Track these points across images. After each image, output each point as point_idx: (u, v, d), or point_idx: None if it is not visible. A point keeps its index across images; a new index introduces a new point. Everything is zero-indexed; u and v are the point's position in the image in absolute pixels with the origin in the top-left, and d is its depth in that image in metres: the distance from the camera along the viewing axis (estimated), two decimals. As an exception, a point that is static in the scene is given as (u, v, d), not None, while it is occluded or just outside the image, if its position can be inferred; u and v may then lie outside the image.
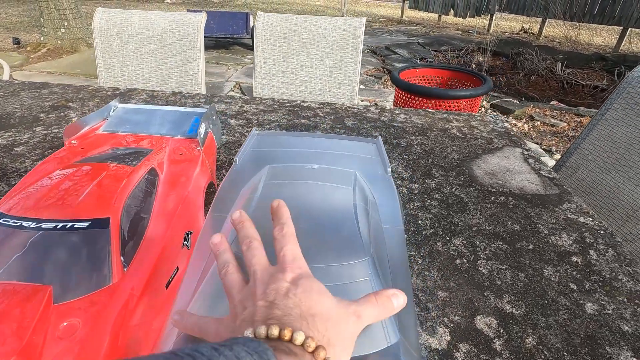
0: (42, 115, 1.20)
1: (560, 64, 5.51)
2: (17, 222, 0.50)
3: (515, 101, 4.40)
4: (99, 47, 1.73)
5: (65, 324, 0.43)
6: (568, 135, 3.39)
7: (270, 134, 0.78)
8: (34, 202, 0.53)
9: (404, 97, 1.91)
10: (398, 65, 5.58)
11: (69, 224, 0.50)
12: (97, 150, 0.72)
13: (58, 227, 0.50)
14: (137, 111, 0.89)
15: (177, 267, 0.56)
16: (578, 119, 3.81)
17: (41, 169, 0.67)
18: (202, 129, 0.79)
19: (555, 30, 7.84)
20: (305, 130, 1.20)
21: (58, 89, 1.43)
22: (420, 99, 1.82)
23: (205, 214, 0.65)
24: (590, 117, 3.86)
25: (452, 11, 9.18)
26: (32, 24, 7.50)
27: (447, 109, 1.96)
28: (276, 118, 1.28)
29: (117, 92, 1.46)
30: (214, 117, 0.93)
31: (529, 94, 4.89)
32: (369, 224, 0.50)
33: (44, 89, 1.43)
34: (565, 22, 6.81)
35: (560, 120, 3.77)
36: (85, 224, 0.51)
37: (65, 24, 5.16)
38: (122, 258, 0.50)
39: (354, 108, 1.40)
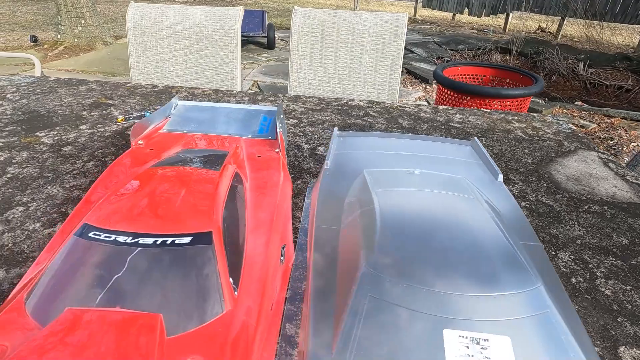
0: (84, 113, 1.14)
1: (582, 63, 5.38)
2: (110, 237, 0.44)
3: (540, 101, 4.29)
4: (132, 43, 1.68)
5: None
6: (600, 137, 3.28)
7: (353, 134, 0.71)
8: (125, 213, 0.47)
9: (447, 96, 1.83)
10: (416, 64, 5.49)
11: (169, 239, 0.44)
12: (168, 151, 0.65)
13: (157, 242, 0.44)
14: (199, 109, 0.83)
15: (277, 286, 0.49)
16: (608, 120, 3.70)
17: (116, 172, 0.61)
18: (279, 129, 0.72)
19: (573, 29, 7.68)
20: (361, 130, 1.13)
21: (95, 86, 1.38)
22: (467, 97, 1.74)
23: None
24: (621, 118, 3.75)
25: (466, 10, 9.04)
26: (46, 22, 7.51)
27: (494, 108, 1.88)
28: (327, 117, 1.21)
29: (155, 89, 1.40)
30: (282, 116, 0.87)
31: (552, 94, 4.77)
32: (517, 242, 0.43)
33: (81, 85, 1.37)
34: (585, 20, 6.67)
35: (590, 122, 3.66)
36: (187, 239, 0.44)
37: (82, 22, 5.14)
38: (230, 279, 0.44)
39: (405, 107, 1.33)
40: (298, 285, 0.60)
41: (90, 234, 0.45)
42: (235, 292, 0.43)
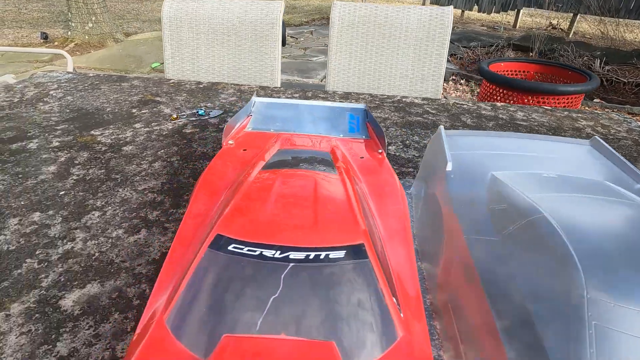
0: (134, 110, 1.09)
1: (598, 60, 5.31)
2: (254, 250, 0.39)
3: (560, 99, 4.22)
4: (167, 38, 1.62)
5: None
6: (626, 135, 3.22)
7: (460, 133, 0.65)
8: (262, 223, 0.42)
9: (494, 92, 1.76)
10: (430, 61, 5.42)
11: (322, 254, 0.39)
12: (263, 152, 0.60)
13: (310, 257, 0.38)
14: (279, 106, 0.77)
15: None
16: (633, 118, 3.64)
17: (218, 175, 0.55)
18: (375, 127, 0.66)
19: (585, 26, 7.60)
20: (425, 128, 1.07)
21: (137, 82, 1.32)
22: (515, 94, 1.68)
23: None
24: (645, 115, 3.68)
25: (476, 7, 8.96)
26: (53, 19, 7.45)
27: (545, 105, 1.82)
28: (386, 115, 1.15)
29: (200, 85, 1.34)
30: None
31: (570, 92, 4.70)
32: None
33: (122, 82, 1.31)
34: (599, 17, 6.59)
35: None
36: (340, 253, 0.39)
37: (93, 18, 5.07)
38: (394, 299, 0.38)
39: (463, 105, 1.27)
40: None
41: (230, 247, 0.39)
42: (401, 314, 0.38)
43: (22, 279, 0.54)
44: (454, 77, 4.55)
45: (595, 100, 4.52)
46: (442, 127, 0.64)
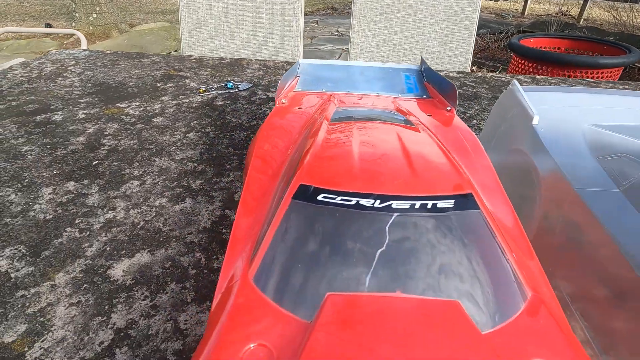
0: (159, 84, 1.03)
1: (612, 45, 5.19)
2: (349, 200, 0.33)
3: (575, 84, 4.14)
4: (184, 17, 1.55)
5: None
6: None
7: (535, 89, 0.59)
8: (353, 171, 0.36)
9: (524, 67, 1.68)
10: (440, 48, 5.32)
11: (429, 202, 0.33)
12: (323, 110, 0.54)
13: (416, 206, 0.33)
14: (329, 67, 0.71)
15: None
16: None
17: (278, 131, 0.50)
18: (443, 83, 0.60)
19: (596, 11, 7.45)
20: (467, 100, 1.01)
21: (158, 59, 1.26)
22: (549, 69, 1.60)
23: None
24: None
25: (483, -6, 8.80)
26: (55, 11, 7.38)
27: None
28: (422, 88, 1.09)
29: (223, 61, 1.28)
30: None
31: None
32: None
33: (142, 58, 1.26)
34: (611, 2, 6.44)
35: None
36: (449, 202, 0.33)
37: (97, 9, 4.99)
38: (513, 254, 0.33)
39: (501, 77, 1.21)
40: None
41: (319, 197, 0.34)
42: (523, 270, 0.32)
43: (64, 248, 0.48)
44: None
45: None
46: (515, 81, 0.58)
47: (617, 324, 0.34)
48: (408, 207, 0.33)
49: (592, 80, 1.19)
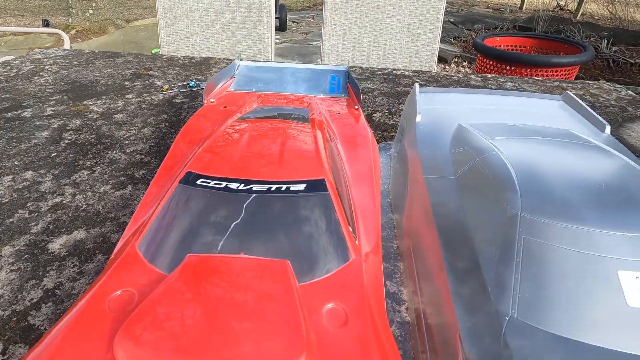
0: (126, 83, 1.11)
1: (605, 41, 5.20)
2: (220, 184, 0.41)
3: (563, 80, 4.16)
4: (162, 16, 1.63)
5: (328, 307, 0.33)
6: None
7: (435, 90, 0.67)
8: (230, 161, 0.44)
9: (488, 66, 1.75)
10: (433, 43, 5.35)
11: (283, 186, 0.41)
12: (243, 108, 0.62)
13: (272, 189, 0.41)
14: (263, 69, 0.79)
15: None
16: (636, 98, 3.58)
17: (196, 127, 0.58)
18: (354, 86, 0.68)
19: (594, 6, 7.41)
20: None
21: (131, 58, 1.34)
22: (511, 68, 1.67)
23: None
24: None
25: (481, -12, 8.76)
26: (54, 7, 7.44)
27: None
28: (374, 86, 1.17)
29: (192, 60, 1.36)
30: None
31: (574, 73, 4.62)
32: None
33: (117, 57, 1.34)
34: (608, -4, 6.42)
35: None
36: (301, 186, 0.41)
37: (93, 4, 5.07)
38: (350, 228, 0.41)
39: (453, 76, 1.28)
40: (389, 244, 0.57)
41: (198, 182, 0.42)
42: (356, 241, 0.40)
43: (14, 226, 0.57)
44: (456, 60, 4.49)
45: (600, 81, 4.44)
46: (417, 84, 0.66)
47: (434, 290, 0.42)
48: (265, 189, 0.41)
49: (539, 79, 1.26)
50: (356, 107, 0.65)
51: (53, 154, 0.75)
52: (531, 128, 0.54)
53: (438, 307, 0.38)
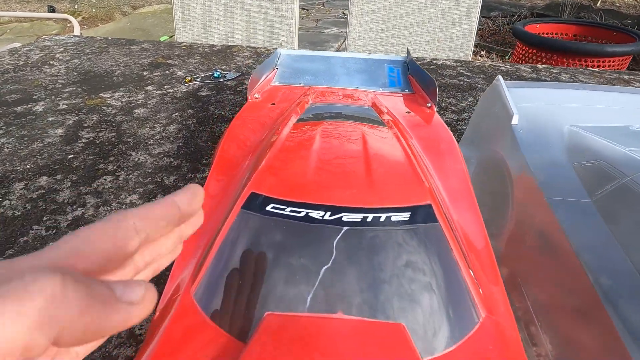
0: (145, 73, 1.01)
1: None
2: (298, 211, 0.31)
3: (587, 70, 4.00)
4: (177, 2, 1.51)
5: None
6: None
7: (521, 84, 0.57)
8: (305, 179, 0.34)
9: (529, 54, 1.61)
10: (449, 31, 5.17)
11: (382, 215, 0.31)
12: (297, 107, 0.52)
13: (368, 219, 0.31)
14: (308, 59, 0.68)
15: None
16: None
17: (245, 130, 0.48)
18: (424, 79, 0.58)
19: (615, -7, 7.14)
20: (461, 91, 0.98)
21: (148, 46, 1.24)
22: (554, 57, 1.54)
23: None
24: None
25: (496, -26, 8.48)
26: (59, -7, 7.31)
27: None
28: (417, 77, 1.05)
29: (214, 48, 1.25)
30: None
31: (598, 63, 4.45)
32: None
33: (132, 45, 1.23)
34: (631, -18, 6.17)
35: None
36: (404, 215, 0.32)
37: (99, -10, 4.93)
38: (471, 271, 0.31)
39: (500, 67, 1.16)
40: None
41: (268, 207, 0.32)
42: (480, 290, 0.31)
43: (29, 246, 0.48)
44: (474, 49, 4.33)
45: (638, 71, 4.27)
46: (500, 77, 0.55)
47: (575, 336, 0.32)
48: (360, 219, 0.31)
49: (595, 70, 1.14)
50: (429, 104, 0.55)
51: (70, 156, 0.66)
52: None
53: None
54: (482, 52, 4.53)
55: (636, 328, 0.27)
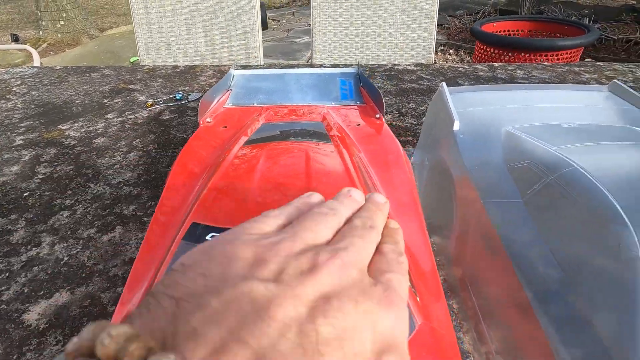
0: (105, 100, 1.00)
1: (587, 19, 5.20)
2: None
3: (551, 61, 4.14)
4: (138, 23, 1.51)
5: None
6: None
7: (463, 89, 0.58)
8: (246, 205, 0.35)
9: (487, 53, 1.67)
10: (417, 33, 5.28)
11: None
12: (245, 127, 0.53)
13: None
14: (262, 77, 0.69)
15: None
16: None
17: (195, 156, 0.48)
18: (371, 90, 0.59)
19: (572, -15, 7.44)
20: (421, 94, 1.00)
21: (109, 71, 1.22)
22: (512, 54, 1.60)
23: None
24: None
25: (459, -26, 8.72)
26: (23, 20, 7.16)
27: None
28: (378, 84, 1.08)
29: (177, 69, 1.25)
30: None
31: (560, 53, 4.61)
32: None
33: (93, 72, 1.22)
34: (585, -26, 6.44)
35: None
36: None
37: (64, 15, 4.85)
38: (409, 283, 0.32)
39: (459, 67, 1.19)
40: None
41: (208, 237, 0.32)
42: (417, 298, 0.32)
43: (-20, 293, 0.47)
44: (442, 48, 4.44)
45: (586, 60, 4.45)
46: (444, 84, 0.57)
47: (512, 334, 0.33)
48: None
49: (548, 64, 1.19)
50: (377, 115, 0.56)
51: (25, 194, 0.65)
52: (590, 129, 0.46)
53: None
54: (451, 51, 4.64)
55: (557, 322, 0.28)
